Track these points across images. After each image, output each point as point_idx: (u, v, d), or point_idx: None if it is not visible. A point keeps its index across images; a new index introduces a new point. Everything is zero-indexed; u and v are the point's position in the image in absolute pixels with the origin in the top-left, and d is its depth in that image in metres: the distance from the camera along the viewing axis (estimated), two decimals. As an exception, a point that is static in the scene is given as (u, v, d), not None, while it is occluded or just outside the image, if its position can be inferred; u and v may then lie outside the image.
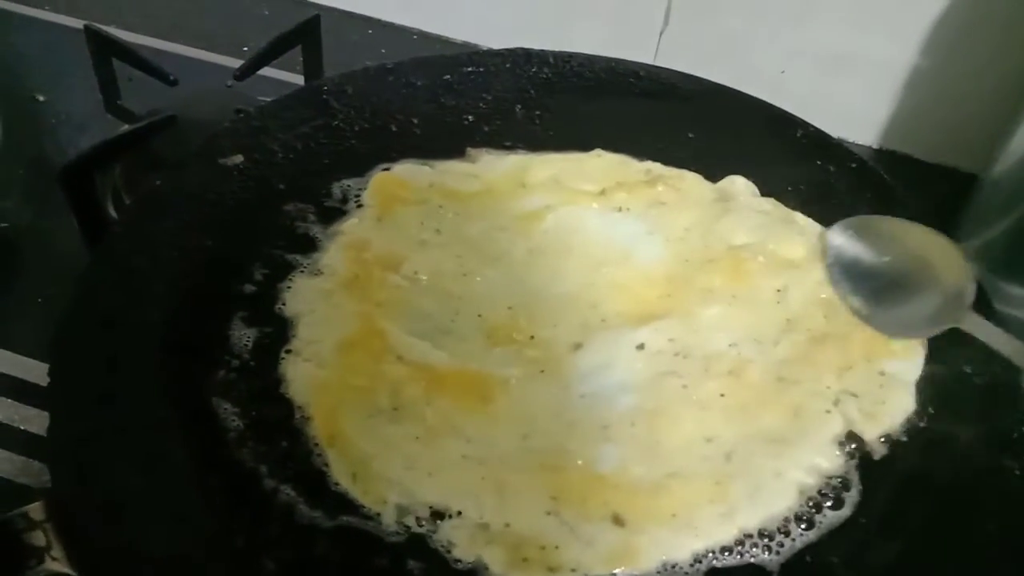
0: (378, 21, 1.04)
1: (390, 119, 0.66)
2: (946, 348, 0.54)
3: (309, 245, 0.57)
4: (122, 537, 0.41)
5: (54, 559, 0.39)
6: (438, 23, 1.02)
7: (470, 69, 0.70)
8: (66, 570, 0.39)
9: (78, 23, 0.84)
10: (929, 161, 0.92)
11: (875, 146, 0.94)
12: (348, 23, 1.03)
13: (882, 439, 0.49)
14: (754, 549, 0.44)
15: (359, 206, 0.60)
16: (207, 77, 0.91)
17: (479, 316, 0.55)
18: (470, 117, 0.68)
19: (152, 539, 0.41)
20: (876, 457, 0.49)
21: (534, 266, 0.59)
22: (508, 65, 0.71)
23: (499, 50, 0.72)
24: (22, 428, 0.62)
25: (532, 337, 0.54)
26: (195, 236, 0.56)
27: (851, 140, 0.92)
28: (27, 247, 0.77)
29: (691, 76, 0.71)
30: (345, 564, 0.42)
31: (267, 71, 0.84)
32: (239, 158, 0.60)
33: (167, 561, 0.40)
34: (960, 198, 0.82)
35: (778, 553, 0.44)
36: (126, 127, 0.74)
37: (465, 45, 1.01)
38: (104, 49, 0.80)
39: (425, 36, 1.03)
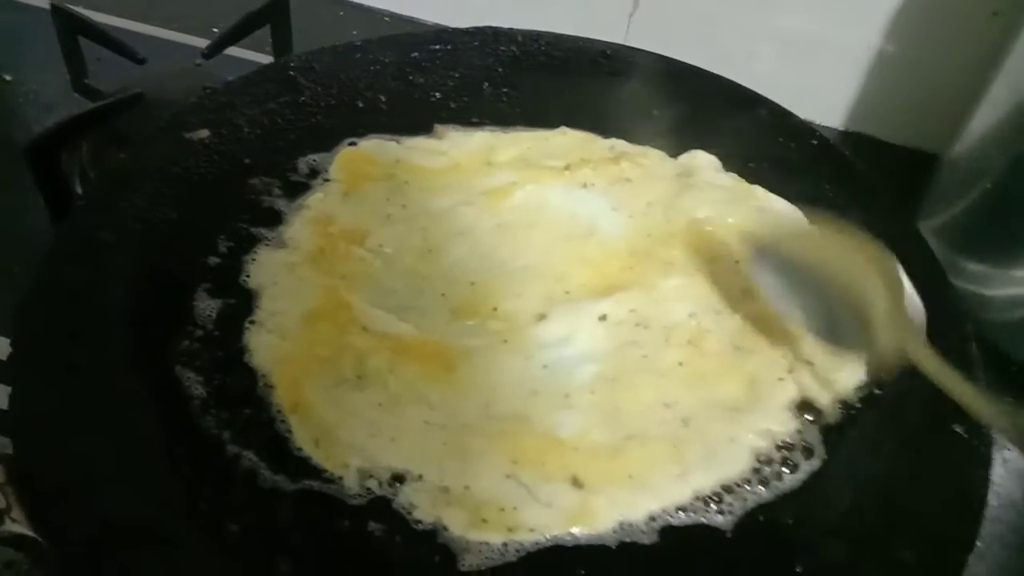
0: (349, 3, 1.04)
1: (357, 96, 0.67)
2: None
3: (274, 219, 0.57)
4: (84, 500, 0.41)
5: (14, 520, 0.39)
6: (409, 4, 1.02)
7: (438, 47, 0.71)
8: (26, 531, 0.39)
9: (45, 2, 0.84)
10: (893, 142, 0.94)
11: (841, 128, 0.95)
12: (318, 4, 1.03)
13: (837, 405, 0.51)
14: (709, 508, 0.45)
15: (325, 181, 0.60)
16: (176, 57, 0.90)
17: (443, 295, 0.56)
18: (437, 94, 0.68)
19: (114, 502, 0.42)
20: (830, 422, 0.50)
21: (499, 240, 0.59)
22: (476, 43, 0.72)
23: (467, 28, 0.73)
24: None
25: (495, 309, 0.55)
26: (160, 209, 0.56)
27: (817, 122, 0.93)
28: (-6, 225, 0.77)
29: (657, 55, 0.72)
30: (308, 526, 0.43)
31: (236, 51, 0.84)
32: (205, 133, 0.61)
33: (129, 523, 0.41)
34: (924, 178, 0.84)
35: (731, 513, 0.45)
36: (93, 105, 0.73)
37: (436, 27, 1.01)
38: (71, 27, 0.79)
39: (396, 17, 1.03)
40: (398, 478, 0.45)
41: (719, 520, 0.45)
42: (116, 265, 0.53)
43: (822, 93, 0.93)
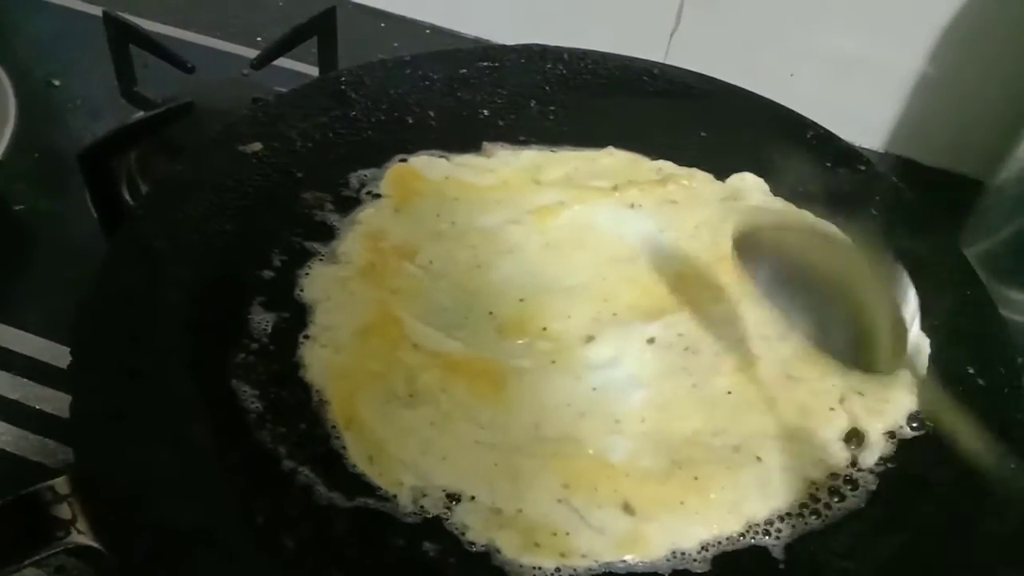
0: (391, 15, 1.05)
1: (407, 111, 0.67)
2: (949, 350, 0.55)
3: (327, 233, 0.58)
4: (145, 511, 0.42)
5: (80, 532, 0.40)
6: (450, 18, 1.03)
7: (485, 64, 0.71)
8: (91, 543, 0.40)
9: (96, 9, 0.85)
10: (935, 166, 0.93)
11: (881, 150, 0.95)
12: (361, 16, 1.04)
13: (887, 436, 0.50)
14: (762, 537, 0.45)
15: (376, 196, 0.61)
16: (222, 66, 0.91)
17: (490, 313, 0.56)
18: (485, 111, 0.69)
19: (175, 514, 0.42)
20: (881, 454, 0.50)
21: (547, 259, 0.60)
22: (523, 61, 0.72)
23: (514, 46, 0.73)
24: (38, 408, 0.63)
25: (544, 329, 0.55)
26: (215, 221, 0.57)
27: (858, 144, 0.92)
28: (41, 231, 0.78)
29: (703, 76, 0.72)
30: (362, 543, 0.43)
31: (282, 62, 0.85)
32: (258, 146, 0.61)
33: (190, 535, 0.41)
34: (966, 204, 0.83)
35: (783, 543, 0.45)
36: (142, 113, 0.74)
37: (477, 40, 1.02)
38: (122, 35, 0.80)
39: (437, 31, 1.04)
40: (452, 498, 0.45)
41: (771, 550, 0.45)
42: (173, 274, 0.53)
43: (863, 114, 0.93)
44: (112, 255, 0.54)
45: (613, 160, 0.66)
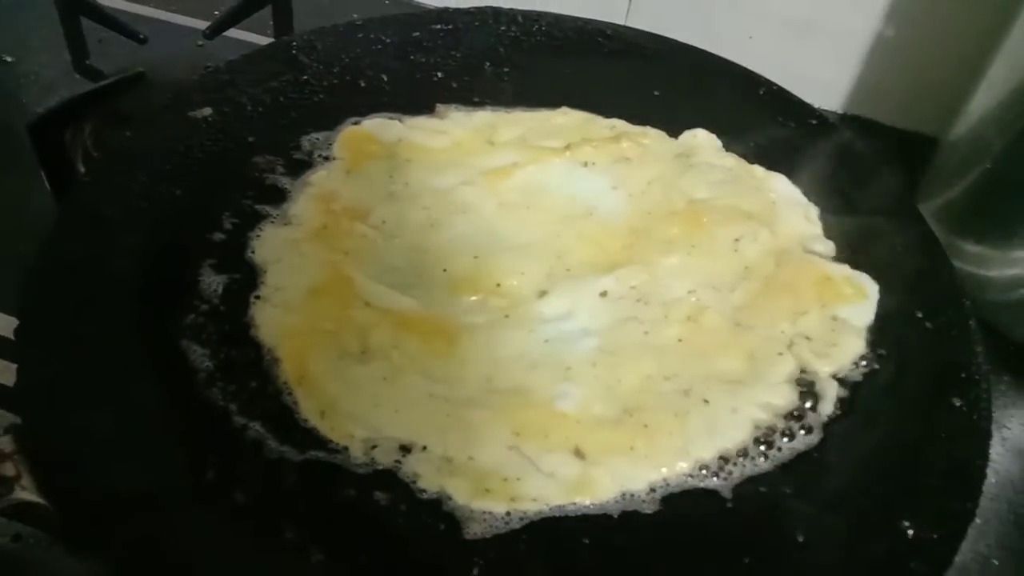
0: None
1: (360, 75, 0.67)
2: (899, 294, 0.55)
3: (278, 196, 0.58)
4: (91, 468, 0.42)
5: (24, 488, 0.40)
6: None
7: (439, 27, 0.71)
8: (35, 499, 0.40)
9: (46, -17, 0.83)
10: (892, 125, 0.94)
11: (840, 111, 0.95)
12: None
13: (835, 378, 0.51)
14: (710, 478, 0.46)
15: (328, 159, 0.61)
16: (176, 38, 0.90)
17: (444, 271, 0.56)
18: (439, 74, 0.68)
19: (121, 470, 0.42)
20: (830, 395, 0.50)
21: (501, 218, 0.60)
22: (477, 23, 0.72)
23: (468, 8, 0.73)
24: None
25: (498, 285, 0.55)
26: (164, 186, 0.56)
27: (818, 106, 0.93)
28: (-5, 206, 0.77)
29: (656, 36, 0.72)
30: (314, 495, 0.43)
31: (238, 33, 0.84)
32: (208, 111, 0.61)
33: (136, 490, 0.41)
34: (924, 162, 0.84)
35: (731, 484, 0.46)
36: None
37: (436, 8, 1.01)
38: (72, 8, 0.79)
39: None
40: (403, 449, 0.46)
41: (720, 490, 0.45)
42: (121, 240, 0.53)
43: (821, 76, 0.93)
44: (60, 221, 0.54)
45: (567, 120, 0.67)
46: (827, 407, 0.50)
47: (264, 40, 0.88)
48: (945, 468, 0.47)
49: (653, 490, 0.45)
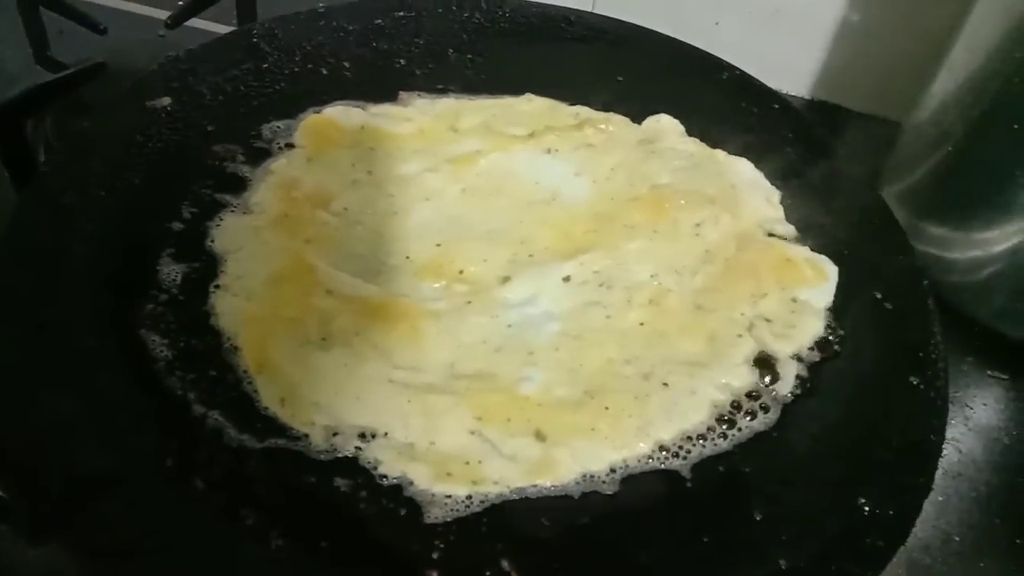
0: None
1: (321, 62, 0.66)
2: (859, 276, 0.56)
3: (238, 185, 0.57)
4: (52, 455, 0.41)
5: (-18, 481, 0.39)
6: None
7: (402, 14, 0.71)
8: (-5, 492, 0.39)
9: (3, -27, 0.82)
10: (858, 111, 0.95)
11: (807, 96, 0.96)
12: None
13: (795, 358, 0.52)
14: (670, 459, 0.46)
15: (289, 147, 0.60)
16: (137, 29, 0.89)
17: (408, 258, 0.56)
18: (402, 61, 0.68)
19: (82, 457, 0.42)
20: (789, 376, 0.51)
21: (465, 206, 0.60)
22: (440, 10, 0.72)
23: (432, -5, 0.73)
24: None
25: (461, 272, 0.55)
26: (123, 175, 0.56)
27: (784, 91, 0.93)
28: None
29: (620, 21, 0.72)
30: (274, 482, 0.43)
31: (201, 23, 0.83)
32: (167, 100, 0.60)
33: (96, 477, 0.41)
34: (889, 147, 0.85)
35: (691, 464, 0.46)
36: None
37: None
38: (31, -1, 0.78)
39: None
40: (364, 436, 0.46)
41: (680, 470, 0.46)
42: (80, 229, 0.52)
43: (787, 62, 0.94)
44: (19, 211, 0.53)
45: (531, 106, 0.67)
46: (786, 387, 0.50)
47: (227, 30, 0.88)
48: (902, 445, 0.48)
49: (613, 471, 0.45)
